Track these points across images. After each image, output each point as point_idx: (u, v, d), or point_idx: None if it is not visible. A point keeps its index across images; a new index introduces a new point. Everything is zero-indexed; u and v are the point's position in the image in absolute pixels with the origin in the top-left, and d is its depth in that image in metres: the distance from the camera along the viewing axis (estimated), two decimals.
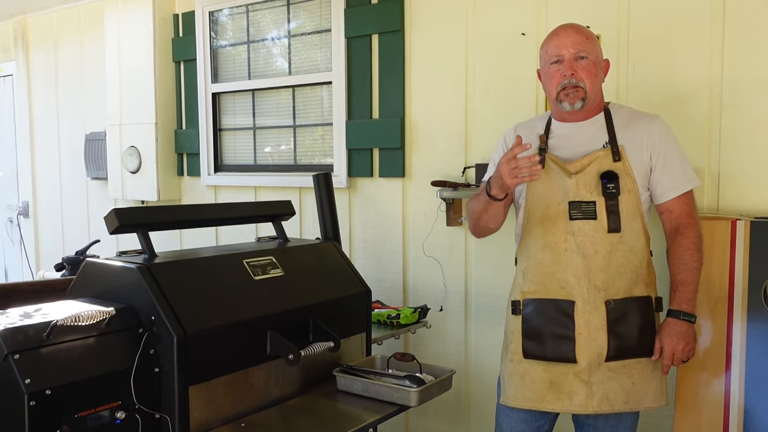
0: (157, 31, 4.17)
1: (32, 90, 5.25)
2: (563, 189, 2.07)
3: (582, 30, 2.12)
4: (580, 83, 2.06)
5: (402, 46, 3.26)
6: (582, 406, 2.05)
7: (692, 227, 2.07)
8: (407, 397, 2.20)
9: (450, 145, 3.15)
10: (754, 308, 2.24)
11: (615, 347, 2.03)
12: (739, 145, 2.48)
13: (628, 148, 2.07)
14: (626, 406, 2.05)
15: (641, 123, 2.11)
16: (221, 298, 2.12)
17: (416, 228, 3.28)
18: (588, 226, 2.04)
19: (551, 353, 2.08)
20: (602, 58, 2.15)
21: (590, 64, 2.07)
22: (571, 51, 2.07)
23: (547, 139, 2.16)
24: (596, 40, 2.13)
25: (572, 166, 2.08)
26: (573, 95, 2.07)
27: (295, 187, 3.69)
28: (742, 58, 2.46)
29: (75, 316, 1.80)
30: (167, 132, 4.25)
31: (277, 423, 2.11)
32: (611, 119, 2.13)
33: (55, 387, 1.69)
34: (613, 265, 2.04)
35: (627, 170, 2.05)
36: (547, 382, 2.09)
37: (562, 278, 2.07)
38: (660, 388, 2.09)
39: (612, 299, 2.03)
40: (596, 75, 2.09)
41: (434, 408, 3.18)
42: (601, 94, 2.17)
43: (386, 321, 2.96)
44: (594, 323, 2.04)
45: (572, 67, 2.06)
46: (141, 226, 2.19)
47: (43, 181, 5.25)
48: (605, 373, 2.04)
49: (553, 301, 2.08)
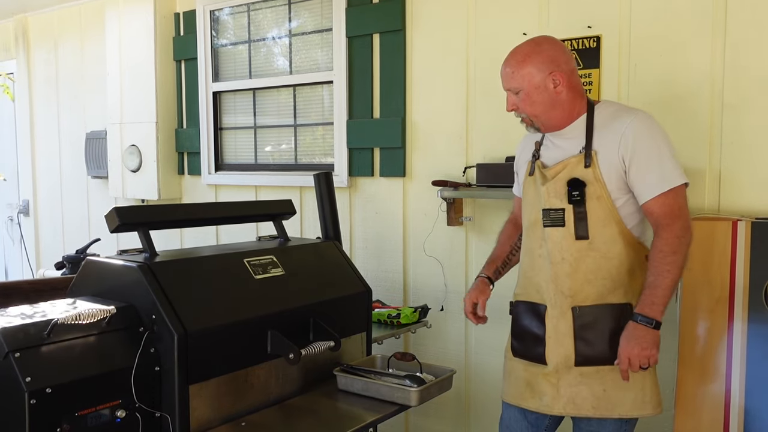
0: (158, 29, 4.17)
1: (33, 88, 5.25)
2: (539, 196, 2.10)
3: (510, 63, 2.09)
4: (521, 114, 2.12)
5: (403, 46, 3.26)
6: (548, 407, 2.08)
7: (669, 228, 1.95)
8: (407, 397, 2.20)
9: (451, 144, 3.15)
10: (754, 309, 2.24)
11: (582, 353, 2.03)
12: (741, 146, 2.47)
13: (601, 152, 2.02)
14: (594, 412, 2.03)
15: (618, 123, 2.03)
16: (222, 297, 2.12)
17: (417, 228, 3.28)
18: (557, 233, 2.05)
19: (529, 353, 2.14)
20: (545, 77, 2.03)
21: (524, 95, 2.07)
22: (506, 88, 2.12)
23: (540, 146, 2.19)
24: (527, 66, 2.04)
25: (548, 172, 2.09)
26: (524, 124, 2.15)
27: (295, 187, 3.69)
28: (744, 59, 2.45)
29: (76, 315, 1.79)
30: (168, 131, 4.25)
31: (278, 422, 2.11)
32: (593, 121, 2.07)
33: (55, 385, 1.68)
34: (581, 272, 2.03)
35: (597, 176, 2.01)
36: (525, 381, 2.15)
37: (536, 283, 2.12)
38: (641, 397, 2.03)
39: (579, 306, 2.03)
40: (533, 103, 2.06)
41: (434, 408, 3.18)
42: (569, 103, 2.07)
43: (386, 320, 2.96)
44: (561, 328, 2.05)
45: (511, 102, 2.12)
46: (142, 224, 2.19)
47: (44, 179, 5.25)
48: (576, 377, 2.04)
49: (532, 304, 2.14)
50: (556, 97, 2.06)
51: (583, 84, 2.78)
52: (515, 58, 2.09)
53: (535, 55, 2.06)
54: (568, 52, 2.13)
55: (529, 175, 2.17)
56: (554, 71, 2.04)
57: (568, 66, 2.08)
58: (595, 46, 2.74)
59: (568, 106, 2.08)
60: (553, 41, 2.11)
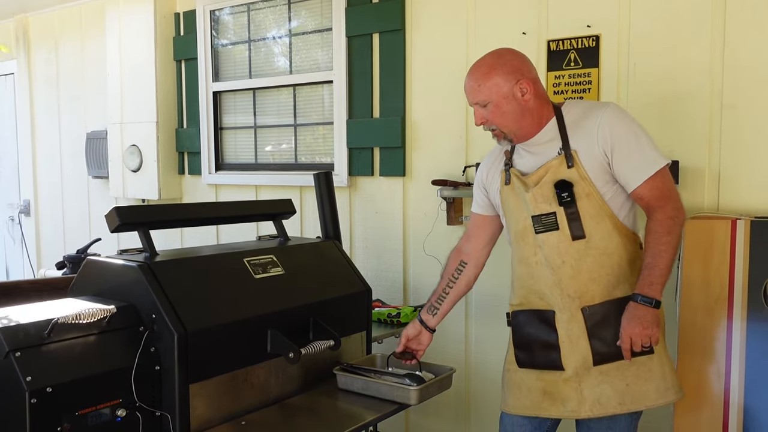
0: (158, 29, 4.17)
1: (33, 88, 5.25)
2: (525, 203, 2.08)
3: (474, 76, 2.08)
4: (492, 127, 2.10)
5: (403, 45, 3.26)
6: (574, 412, 2.06)
7: (662, 210, 1.97)
8: (407, 396, 2.20)
9: (450, 144, 3.16)
10: (754, 307, 2.24)
11: (599, 352, 2.03)
12: (740, 145, 2.48)
13: (581, 150, 2.02)
14: (621, 408, 2.03)
15: (591, 119, 2.04)
16: (222, 296, 2.12)
17: (417, 227, 3.28)
18: (552, 237, 2.03)
19: (541, 362, 2.10)
20: (512, 86, 2.03)
21: (492, 107, 2.06)
22: (472, 102, 2.11)
23: (512, 155, 2.17)
24: (493, 77, 2.04)
25: (530, 179, 2.07)
26: (496, 137, 2.13)
27: (295, 186, 3.69)
28: (743, 58, 2.46)
29: (76, 314, 1.80)
30: (168, 131, 4.25)
31: (278, 421, 2.11)
32: (564, 122, 2.08)
33: (56, 385, 1.69)
34: (584, 272, 2.02)
35: (582, 175, 2.01)
36: (541, 390, 2.10)
37: (538, 290, 2.10)
38: (663, 385, 2.04)
39: (588, 305, 2.03)
40: (502, 114, 2.05)
41: (434, 407, 3.18)
42: (536, 110, 2.07)
43: (386, 320, 2.97)
44: (574, 331, 2.04)
45: (480, 116, 2.10)
46: (142, 224, 2.19)
47: (45, 179, 5.26)
48: (596, 377, 2.03)
49: (537, 311, 2.11)
50: (524, 105, 2.05)
51: (583, 84, 2.80)
52: (480, 71, 2.08)
53: (500, 66, 2.06)
54: (530, 62, 2.12)
55: (506, 184, 2.14)
56: (520, 80, 2.04)
57: (531, 74, 2.08)
58: (594, 46, 2.75)
59: (537, 113, 2.08)
60: (514, 52, 2.11)
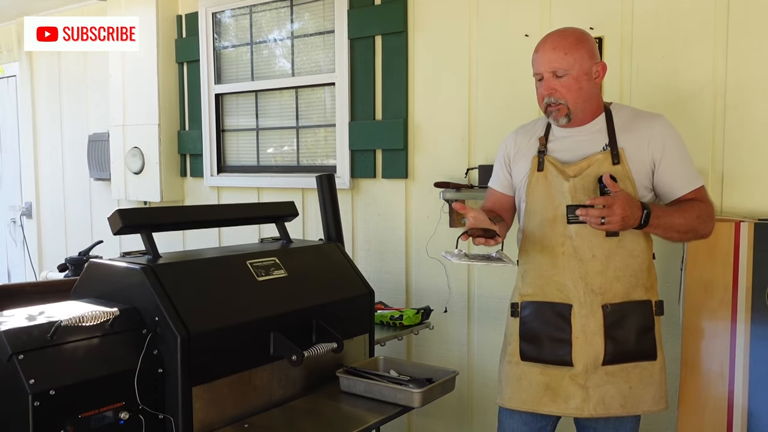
0: (161, 32, 4.17)
1: (35, 91, 5.26)
2: (561, 192, 2.06)
3: (560, 44, 2.03)
4: (561, 101, 2.05)
5: (405, 48, 3.26)
6: (578, 410, 2.05)
7: (704, 206, 2.04)
8: (410, 398, 2.20)
9: (453, 146, 3.15)
10: (757, 310, 2.24)
11: (612, 351, 2.03)
12: (743, 147, 2.47)
13: (629, 150, 2.04)
14: (623, 410, 2.04)
15: (643, 123, 2.07)
16: (225, 299, 2.12)
17: (419, 229, 3.28)
18: (586, 230, 2.01)
19: (548, 356, 2.09)
20: (592, 64, 2.05)
21: (570, 80, 2.02)
22: (549, 70, 2.04)
23: (546, 142, 2.15)
24: (580, 49, 2.03)
25: (570, 169, 2.06)
26: (556, 113, 2.07)
27: (298, 188, 3.69)
28: (746, 60, 2.45)
29: (79, 317, 1.79)
30: (170, 133, 4.25)
31: (280, 424, 2.11)
32: (612, 121, 2.09)
33: (59, 387, 1.69)
34: (610, 269, 2.03)
35: (626, 173, 2.02)
36: (543, 385, 2.09)
37: (559, 281, 2.07)
38: (659, 393, 2.06)
39: (609, 303, 2.03)
40: (579, 89, 2.03)
41: (437, 409, 3.18)
42: (598, 97, 2.11)
43: (389, 322, 2.96)
44: (591, 327, 2.03)
45: (550, 86, 2.04)
46: (144, 226, 2.19)
47: (46, 181, 5.26)
48: (602, 377, 2.03)
49: (551, 304, 2.08)
50: (593, 88, 2.07)
51: None
52: (567, 40, 2.04)
53: (586, 42, 2.06)
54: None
55: (538, 170, 2.12)
56: (599, 62, 2.08)
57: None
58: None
59: (596, 101, 2.10)
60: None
